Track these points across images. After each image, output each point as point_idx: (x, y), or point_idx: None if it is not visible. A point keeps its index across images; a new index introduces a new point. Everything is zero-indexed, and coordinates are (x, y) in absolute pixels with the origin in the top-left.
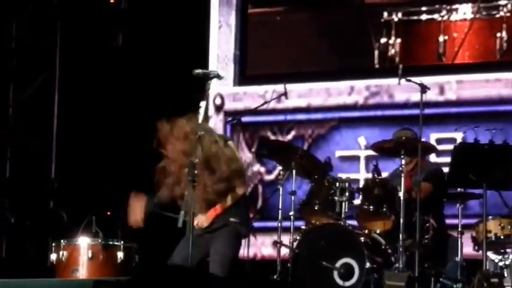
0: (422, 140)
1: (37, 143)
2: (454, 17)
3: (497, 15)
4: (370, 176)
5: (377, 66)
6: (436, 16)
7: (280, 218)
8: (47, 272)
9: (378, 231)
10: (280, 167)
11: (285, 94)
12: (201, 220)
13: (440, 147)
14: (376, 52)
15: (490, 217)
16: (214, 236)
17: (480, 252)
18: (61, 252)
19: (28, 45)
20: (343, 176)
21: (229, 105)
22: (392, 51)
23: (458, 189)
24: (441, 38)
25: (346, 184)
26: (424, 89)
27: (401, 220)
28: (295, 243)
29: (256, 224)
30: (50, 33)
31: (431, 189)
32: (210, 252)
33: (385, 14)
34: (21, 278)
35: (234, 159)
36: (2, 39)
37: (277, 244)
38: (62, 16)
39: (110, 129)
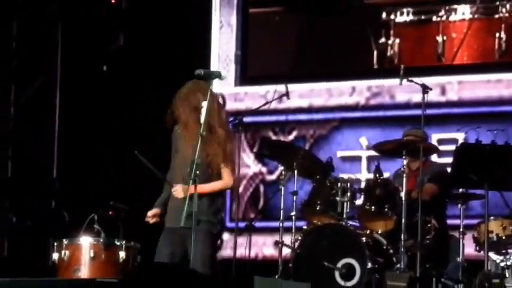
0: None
1: (38, 143)
2: (453, 17)
3: (496, 16)
4: (371, 176)
5: (376, 66)
6: (434, 16)
7: (281, 218)
8: (48, 272)
9: (379, 232)
10: (281, 167)
11: (287, 94)
12: (179, 190)
13: (442, 148)
14: (375, 52)
15: (491, 218)
16: (189, 236)
17: (482, 252)
18: (63, 252)
19: (29, 46)
20: (345, 176)
21: (230, 106)
22: (391, 52)
23: (460, 190)
24: (440, 39)
25: (348, 184)
26: (425, 89)
27: (403, 220)
28: (296, 244)
29: (257, 224)
30: (51, 34)
31: (436, 190)
32: (191, 254)
33: (384, 14)
34: (23, 277)
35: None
36: (3, 39)
37: (278, 244)
38: (62, 16)
39: (111, 128)
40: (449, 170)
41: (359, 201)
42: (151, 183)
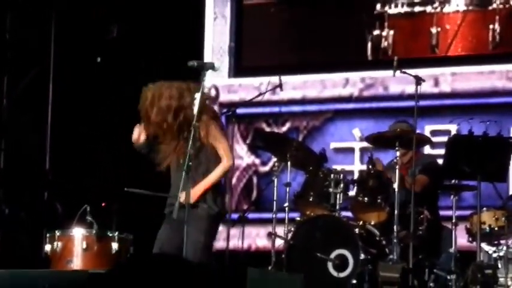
0: (417, 131)
1: (31, 135)
2: (447, 8)
3: (490, 7)
4: (364, 167)
5: (370, 58)
6: (428, 8)
7: (274, 209)
8: (41, 263)
9: (372, 223)
10: (275, 159)
11: (280, 86)
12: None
13: (435, 139)
14: (369, 44)
15: (484, 209)
16: (188, 220)
17: (474, 243)
18: (55, 243)
19: (23, 37)
20: (338, 167)
21: (224, 97)
22: (385, 43)
23: (453, 181)
24: (434, 30)
25: (341, 176)
26: (419, 81)
27: (396, 212)
28: (289, 235)
29: (251, 216)
30: (45, 25)
31: (427, 182)
32: (184, 238)
33: (378, 5)
34: (16, 268)
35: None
36: None
37: (271, 235)
38: (56, 7)
39: (104, 120)
40: (440, 161)
41: (352, 193)
42: (145, 175)
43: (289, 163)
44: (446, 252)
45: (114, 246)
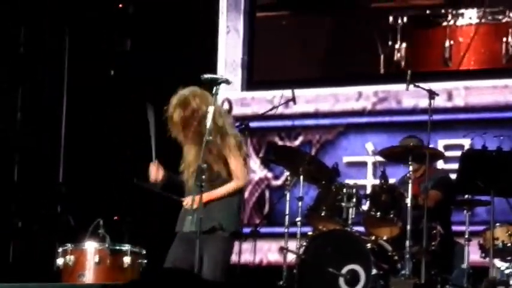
0: (430, 146)
1: (45, 148)
2: (460, 21)
3: (503, 20)
4: (377, 182)
5: (382, 71)
6: (442, 21)
7: (287, 223)
8: (53, 277)
9: (384, 238)
10: (287, 173)
11: (293, 99)
12: (189, 202)
13: (448, 154)
14: (382, 57)
15: (497, 224)
16: (205, 240)
17: (487, 259)
18: (68, 257)
19: (36, 51)
20: (351, 182)
21: (237, 110)
22: (398, 56)
23: (466, 196)
24: (447, 43)
25: (354, 190)
26: (432, 95)
27: (408, 227)
28: (301, 249)
29: (263, 230)
30: (59, 38)
31: (440, 197)
32: (203, 258)
33: (391, 18)
34: (28, 282)
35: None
36: (11, 44)
37: (283, 250)
38: (70, 21)
39: (117, 133)
40: (453, 176)
41: (364, 207)
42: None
43: (301, 177)
44: (459, 268)
45: (127, 260)
